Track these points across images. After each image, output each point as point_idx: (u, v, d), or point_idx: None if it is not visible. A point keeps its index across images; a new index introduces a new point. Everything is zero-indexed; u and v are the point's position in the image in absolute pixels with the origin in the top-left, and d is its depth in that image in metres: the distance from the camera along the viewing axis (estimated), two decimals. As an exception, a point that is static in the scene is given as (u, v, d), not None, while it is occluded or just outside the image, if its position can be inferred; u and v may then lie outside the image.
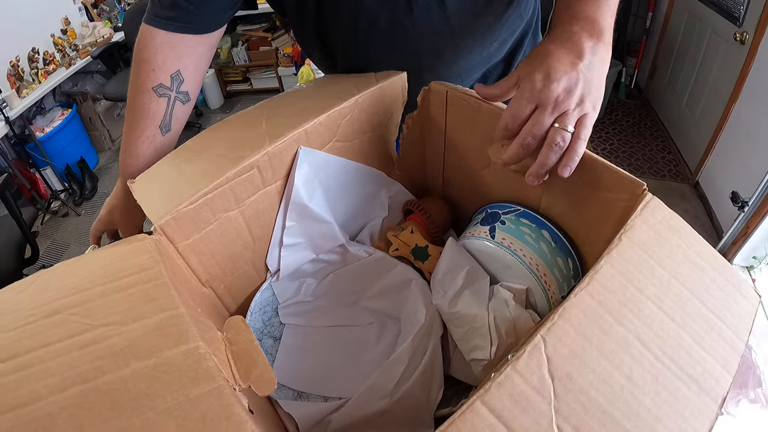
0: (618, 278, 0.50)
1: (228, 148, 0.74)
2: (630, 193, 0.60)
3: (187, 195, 0.67)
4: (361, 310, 0.88)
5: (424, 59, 0.91)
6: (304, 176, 0.77)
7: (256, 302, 0.83)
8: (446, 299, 0.75)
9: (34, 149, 3.77)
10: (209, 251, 0.74)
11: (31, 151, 3.77)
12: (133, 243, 0.61)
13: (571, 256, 0.71)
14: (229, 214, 0.73)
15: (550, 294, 0.70)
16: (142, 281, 0.54)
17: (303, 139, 0.75)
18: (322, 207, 0.82)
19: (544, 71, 0.60)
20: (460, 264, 0.77)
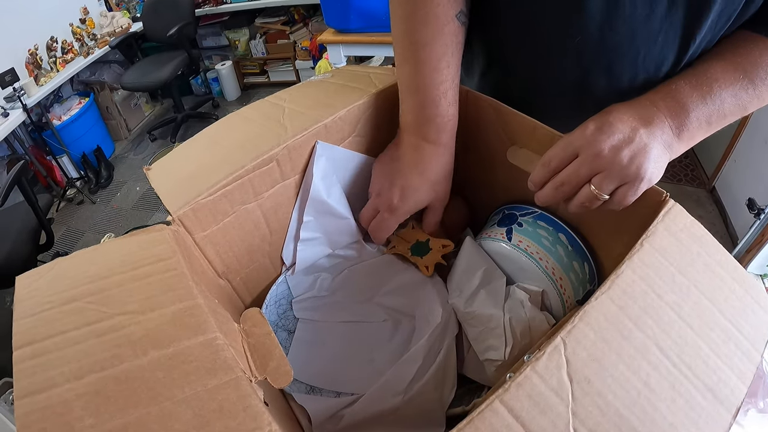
0: (639, 284, 0.50)
1: (247, 138, 0.74)
2: (651, 201, 0.60)
3: (206, 186, 0.67)
4: (375, 307, 0.88)
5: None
6: (322, 171, 0.77)
7: (271, 295, 0.84)
8: (462, 298, 0.75)
9: (51, 137, 3.82)
10: (226, 243, 0.74)
11: (48, 138, 3.82)
12: (152, 233, 0.61)
13: (588, 260, 0.71)
14: (247, 206, 0.73)
15: (566, 298, 0.70)
16: (161, 271, 0.54)
17: (323, 133, 0.75)
18: (340, 202, 0.82)
19: (599, 121, 0.58)
20: (477, 264, 0.77)
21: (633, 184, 0.57)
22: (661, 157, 0.59)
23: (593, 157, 0.57)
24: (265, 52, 4.80)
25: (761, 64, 0.62)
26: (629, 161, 0.56)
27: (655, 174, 0.58)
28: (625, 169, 0.56)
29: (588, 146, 0.57)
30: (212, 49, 5.06)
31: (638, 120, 0.58)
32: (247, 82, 5.15)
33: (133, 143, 4.69)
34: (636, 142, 0.57)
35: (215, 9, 4.45)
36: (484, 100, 0.77)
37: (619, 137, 0.56)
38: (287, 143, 0.72)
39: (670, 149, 0.60)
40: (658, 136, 0.58)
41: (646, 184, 0.58)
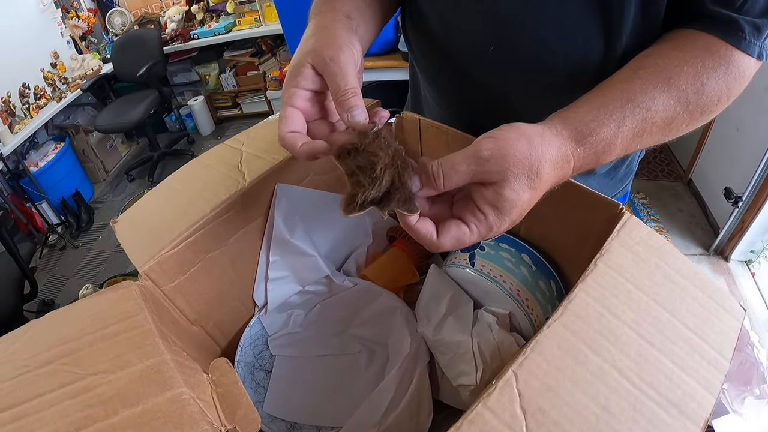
0: (593, 306, 0.51)
1: (206, 187, 0.76)
2: (607, 214, 0.61)
3: (169, 239, 0.68)
4: (349, 338, 0.89)
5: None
6: (284, 212, 0.79)
7: (246, 337, 0.84)
8: (430, 327, 0.76)
9: (29, 184, 3.79)
10: (195, 291, 0.75)
11: (26, 186, 3.80)
12: (120, 290, 0.62)
13: (553, 277, 0.73)
14: (212, 254, 0.74)
15: (534, 317, 0.71)
16: (128, 328, 0.56)
17: (279, 175, 0.77)
18: (304, 241, 0.84)
19: (504, 200, 0.51)
20: (443, 291, 0.78)
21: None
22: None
23: (486, 229, 0.53)
24: (236, 85, 4.82)
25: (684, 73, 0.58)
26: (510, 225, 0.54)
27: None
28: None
29: (485, 233, 0.53)
30: (184, 85, 5.06)
31: (547, 187, 0.54)
32: (221, 116, 5.15)
33: (111, 185, 4.67)
34: (523, 212, 0.53)
35: (183, 45, 4.45)
36: (435, 128, 0.78)
37: (518, 216, 0.53)
38: (244, 190, 0.73)
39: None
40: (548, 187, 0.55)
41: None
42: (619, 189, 0.96)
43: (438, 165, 0.52)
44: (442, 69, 0.82)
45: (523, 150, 0.50)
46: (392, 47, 2.56)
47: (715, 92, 0.59)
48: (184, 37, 4.46)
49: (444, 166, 0.51)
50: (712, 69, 0.58)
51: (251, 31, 4.28)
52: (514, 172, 0.50)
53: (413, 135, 0.82)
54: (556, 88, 0.72)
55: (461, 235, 0.52)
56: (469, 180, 0.51)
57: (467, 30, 0.72)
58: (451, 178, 0.51)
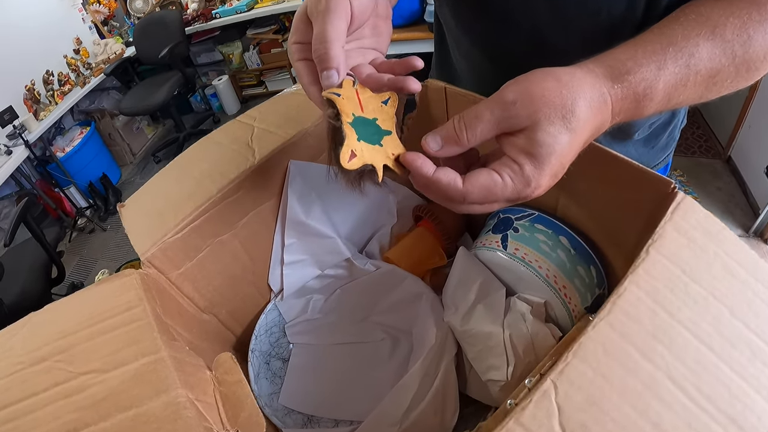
0: (645, 302, 0.43)
1: (215, 166, 0.71)
2: (656, 192, 0.53)
3: (173, 224, 0.63)
4: (371, 326, 0.84)
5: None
6: (299, 191, 0.73)
7: (261, 324, 0.80)
8: (458, 315, 0.70)
9: (56, 169, 3.83)
10: (204, 278, 0.70)
11: (53, 171, 3.83)
12: (121, 279, 0.59)
13: (594, 262, 0.65)
14: (221, 238, 0.69)
15: (572, 307, 0.64)
16: (126, 322, 0.53)
17: (292, 151, 0.71)
18: (322, 221, 0.78)
19: (539, 145, 0.43)
20: (473, 276, 0.71)
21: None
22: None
23: (523, 183, 0.45)
24: (260, 63, 4.77)
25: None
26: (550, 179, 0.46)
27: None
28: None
29: (519, 195, 0.46)
30: (207, 65, 5.04)
31: (588, 137, 0.46)
32: (246, 95, 5.11)
33: (138, 167, 4.69)
34: (564, 161, 0.45)
35: (205, 25, 4.41)
36: (464, 97, 0.70)
37: (557, 174, 0.46)
38: (253, 168, 0.67)
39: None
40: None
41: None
42: (659, 159, 0.89)
43: (459, 117, 0.45)
44: (477, 14, 0.74)
45: (552, 88, 0.43)
46: (418, 18, 2.48)
47: (762, 48, 0.51)
48: (206, 16, 4.42)
49: (466, 117, 0.45)
50: (758, 23, 0.50)
51: (273, 7, 4.20)
52: (546, 113, 0.43)
53: (439, 105, 0.75)
54: (595, 41, 0.63)
55: (492, 186, 0.44)
56: (495, 129, 0.44)
57: None
58: (475, 128, 0.44)
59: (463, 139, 0.45)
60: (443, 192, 0.46)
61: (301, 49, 0.53)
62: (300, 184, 0.73)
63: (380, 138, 0.50)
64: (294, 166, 0.71)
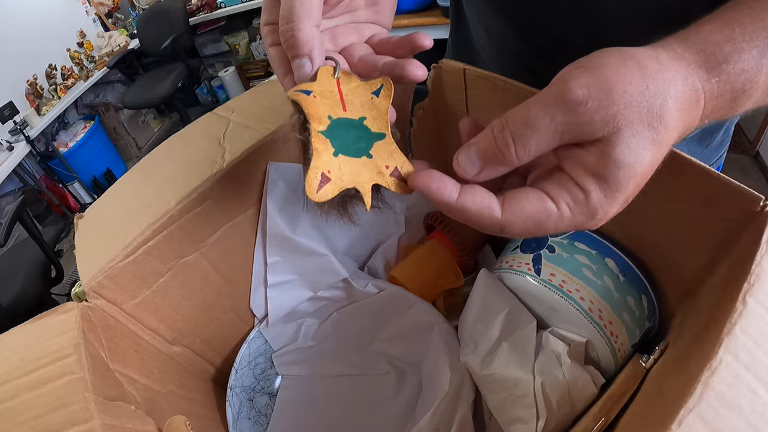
0: (744, 378, 0.30)
1: (180, 169, 0.58)
2: (739, 211, 0.39)
3: (122, 245, 0.50)
4: (374, 355, 0.71)
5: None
6: (280, 200, 0.60)
7: (243, 356, 0.67)
8: (478, 356, 0.56)
9: (59, 165, 3.75)
10: (169, 306, 0.58)
11: (56, 167, 3.75)
12: (58, 316, 0.47)
13: (646, 291, 0.52)
14: (186, 259, 0.56)
15: (617, 346, 0.51)
16: (57, 375, 0.42)
17: (270, 150, 0.57)
18: (312, 236, 0.64)
19: (617, 167, 0.31)
20: (497, 306, 0.58)
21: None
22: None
23: (587, 214, 0.33)
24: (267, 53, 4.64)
25: None
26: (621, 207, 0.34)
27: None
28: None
29: (583, 223, 0.33)
30: (214, 56, 4.91)
31: (668, 146, 0.33)
32: (253, 86, 4.98)
33: (144, 162, 4.59)
34: (642, 183, 0.33)
35: (210, 15, 4.28)
36: (488, 80, 0.56)
37: (629, 197, 0.33)
38: (221, 173, 0.54)
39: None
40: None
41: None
42: (713, 159, 0.75)
43: (503, 124, 0.32)
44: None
45: (636, 80, 0.30)
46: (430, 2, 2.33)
47: None
48: (211, 6, 4.29)
49: (512, 124, 0.31)
50: None
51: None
52: (629, 120, 0.30)
53: (456, 91, 0.61)
54: (666, 10, 0.49)
55: (544, 218, 0.32)
56: (556, 141, 0.31)
57: None
58: (527, 141, 0.31)
59: (510, 156, 0.32)
60: (473, 221, 0.33)
61: (273, 30, 0.42)
62: (282, 190, 0.60)
63: (369, 145, 0.37)
64: (274, 168, 0.58)
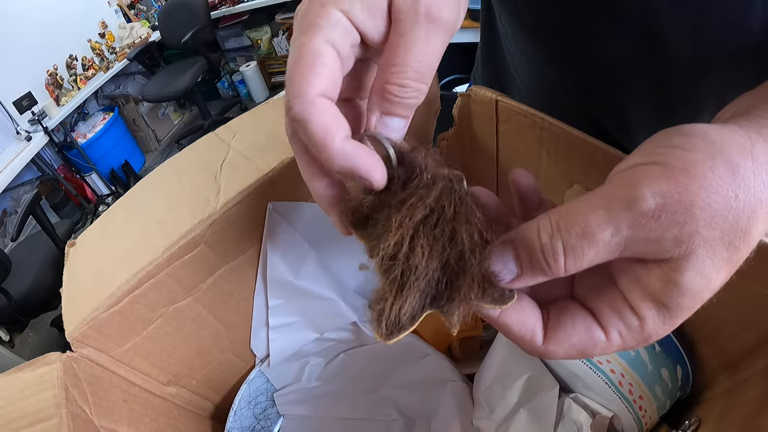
0: None
1: (169, 207, 0.53)
2: None
3: (106, 294, 0.46)
4: (382, 400, 0.67)
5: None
6: (283, 243, 0.55)
7: (243, 396, 0.63)
8: (493, 422, 0.51)
9: (77, 155, 3.75)
10: (162, 351, 0.54)
11: (74, 157, 3.76)
12: (39, 369, 0.43)
13: (682, 361, 0.47)
14: (177, 305, 0.52)
15: (645, 420, 0.46)
16: None
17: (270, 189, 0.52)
18: (317, 280, 0.59)
19: (682, 294, 0.25)
20: (517, 369, 0.53)
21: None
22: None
23: (638, 340, 0.28)
24: (290, 49, 4.60)
25: None
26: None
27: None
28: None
29: (636, 331, 0.27)
30: (235, 50, 4.88)
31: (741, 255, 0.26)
32: (275, 81, 4.93)
33: (162, 154, 4.57)
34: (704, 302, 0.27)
35: (233, 9, 4.25)
36: (523, 115, 0.50)
37: (692, 312, 0.27)
38: (215, 216, 0.49)
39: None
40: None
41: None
42: None
43: (553, 229, 0.26)
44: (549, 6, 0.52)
45: (724, 187, 0.24)
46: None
47: None
48: (233, 0, 4.25)
49: (566, 232, 0.25)
50: None
51: (304, -8, 4.01)
52: (707, 239, 0.24)
53: (486, 123, 0.56)
54: (739, 48, 0.43)
55: (588, 346, 0.27)
56: (615, 255, 0.25)
57: None
58: (581, 256, 0.25)
59: (558, 270, 0.26)
60: (512, 340, 0.29)
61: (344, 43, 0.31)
62: (285, 232, 0.55)
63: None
64: (275, 209, 0.53)
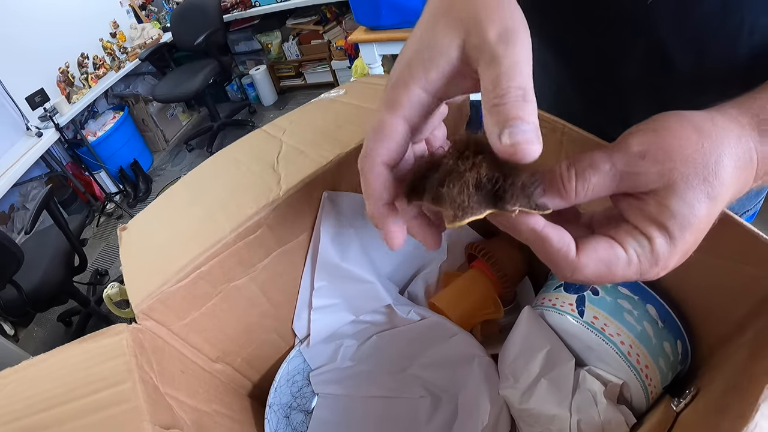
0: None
1: (231, 193, 0.59)
2: None
3: (174, 269, 0.52)
4: (411, 379, 0.72)
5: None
6: (333, 228, 0.61)
7: (282, 374, 0.68)
8: (517, 390, 0.57)
9: (87, 153, 3.81)
10: (215, 327, 0.59)
11: (84, 155, 3.81)
12: (109, 338, 0.48)
13: (682, 337, 0.53)
14: (235, 283, 0.57)
15: (650, 388, 0.52)
16: (112, 402, 0.42)
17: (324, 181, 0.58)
18: (360, 263, 0.66)
19: (673, 216, 0.32)
20: (538, 344, 0.59)
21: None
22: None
23: (651, 261, 0.34)
24: (300, 54, 4.64)
25: None
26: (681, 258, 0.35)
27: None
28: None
29: (646, 273, 0.34)
30: (245, 53, 4.95)
31: (724, 204, 0.34)
32: (284, 86, 5.01)
33: (171, 154, 4.64)
34: (699, 237, 0.35)
35: (244, 13, 4.32)
36: (543, 120, 0.56)
37: (689, 242, 0.34)
38: (278, 202, 0.55)
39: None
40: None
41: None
42: (750, 206, 0.75)
43: (568, 162, 0.34)
44: (569, 24, 0.60)
45: (692, 140, 0.33)
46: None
47: None
48: (245, 4, 4.33)
49: (577, 163, 0.33)
50: None
51: (313, -3, 4.08)
52: (683, 174, 0.32)
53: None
54: (730, 69, 0.52)
55: (614, 262, 0.33)
56: (613, 186, 0.33)
57: None
58: (588, 179, 0.33)
59: (571, 191, 0.33)
60: (549, 256, 0.34)
61: (423, 101, 0.37)
62: (335, 219, 0.61)
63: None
64: (329, 198, 0.59)
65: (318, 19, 4.40)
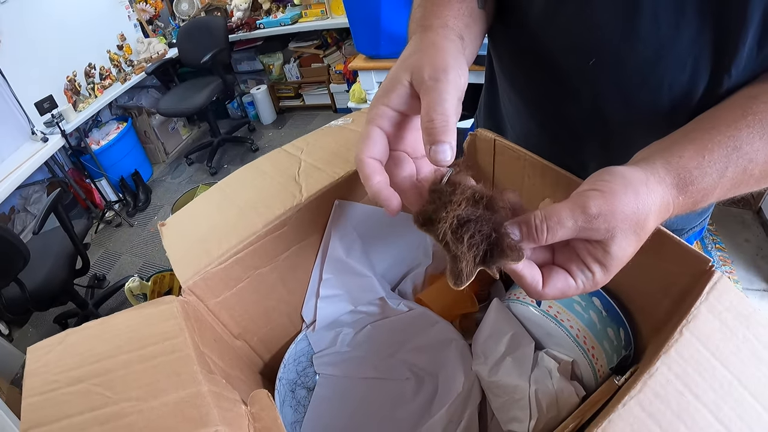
0: (674, 383, 0.45)
1: (260, 198, 0.72)
2: (694, 269, 0.55)
3: (217, 254, 0.65)
4: (398, 363, 0.85)
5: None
6: (341, 230, 0.75)
7: (290, 354, 0.81)
8: (487, 366, 0.71)
9: (90, 161, 3.90)
10: (241, 307, 0.72)
11: (87, 162, 3.90)
12: (161, 305, 0.59)
13: (623, 325, 0.66)
14: (261, 270, 0.71)
15: (597, 367, 0.65)
16: (166, 352, 0.52)
17: (337, 190, 0.73)
18: (361, 260, 0.79)
19: (612, 258, 0.47)
20: (504, 329, 0.73)
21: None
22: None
23: (591, 286, 0.50)
24: (300, 76, 4.82)
25: None
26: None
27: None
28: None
29: (591, 279, 0.49)
30: (247, 73, 5.11)
31: (644, 237, 0.49)
32: (283, 106, 5.17)
33: (170, 167, 4.76)
34: (624, 264, 0.50)
35: (249, 34, 4.48)
36: (511, 151, 0.72)
37: (618, 269, 0.49)
38: (301, 206, 0.69)
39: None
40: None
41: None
42: (697, 222, 0.89)
43: (542, 219, 0.47)
44: (534, 77, 0.76)
45: (631, 205, 0.46)
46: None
47: None
48: (250, 26, 4.48)
49: (549, 220, 0.47)
50: None
51: (317, 23, 4.25)
52: (622, 229, 0.46)
53: (487, 155, 0.77)
54: (656, 113, 0.65)
55: (567, 289, 0.49)
56: (573, 236, 0.47)
57: (567, 39, 0.66)
58: (555, 233, 0.47)
59: (542, 239, 0.47)
60: (523, 286, 0.50)
61: (393, 118, 0.54)
62: (343, 223, 0.75)
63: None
64: (339, 205, 0.73)
65: (319, 43, 4.58)
